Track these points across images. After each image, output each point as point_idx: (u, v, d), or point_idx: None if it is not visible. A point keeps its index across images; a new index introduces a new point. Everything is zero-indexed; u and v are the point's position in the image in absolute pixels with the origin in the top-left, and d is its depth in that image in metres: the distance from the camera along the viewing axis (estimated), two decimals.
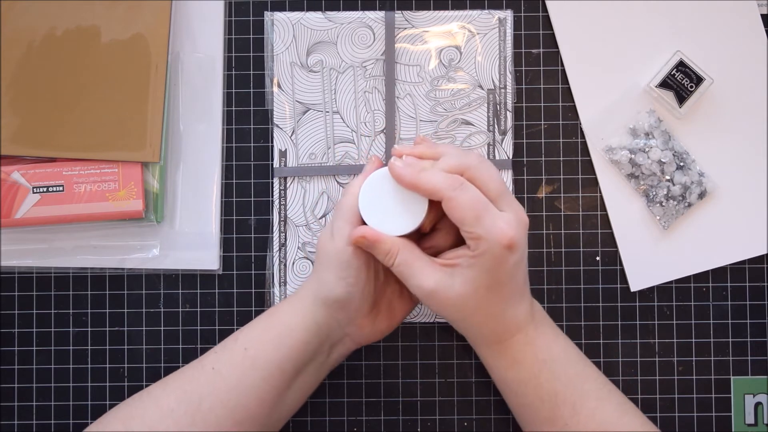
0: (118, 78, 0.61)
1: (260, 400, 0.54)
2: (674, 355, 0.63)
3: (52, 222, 0.61)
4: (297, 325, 0.55)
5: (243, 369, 0.54)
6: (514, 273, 0.53)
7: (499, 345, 0.55)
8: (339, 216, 0.55)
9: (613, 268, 0.63)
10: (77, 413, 0.63)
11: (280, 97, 0.63)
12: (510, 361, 0.55)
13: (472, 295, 0.52)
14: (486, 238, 0.51)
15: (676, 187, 0.62)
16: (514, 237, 0.51)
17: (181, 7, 0.63)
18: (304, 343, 0.55)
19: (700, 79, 0.62)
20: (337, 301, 0.55)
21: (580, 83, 0.63)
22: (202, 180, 0.63)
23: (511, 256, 0.52)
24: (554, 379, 0.54)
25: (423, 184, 0.52)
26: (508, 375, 0.56)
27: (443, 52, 0.63)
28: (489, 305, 0.53)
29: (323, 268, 0.55)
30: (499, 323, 0.54)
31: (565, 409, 0.54)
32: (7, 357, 0.63)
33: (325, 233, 0.56)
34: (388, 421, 0.63)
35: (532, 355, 0.55)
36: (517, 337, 0.55)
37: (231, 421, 0.54)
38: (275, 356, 0.55)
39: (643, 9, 0.63)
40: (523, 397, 0.55)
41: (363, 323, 0.57)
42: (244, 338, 0.56)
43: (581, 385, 0.55)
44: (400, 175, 0.53)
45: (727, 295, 0.63)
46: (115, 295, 0.63)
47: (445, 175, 0.52)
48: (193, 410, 0.53)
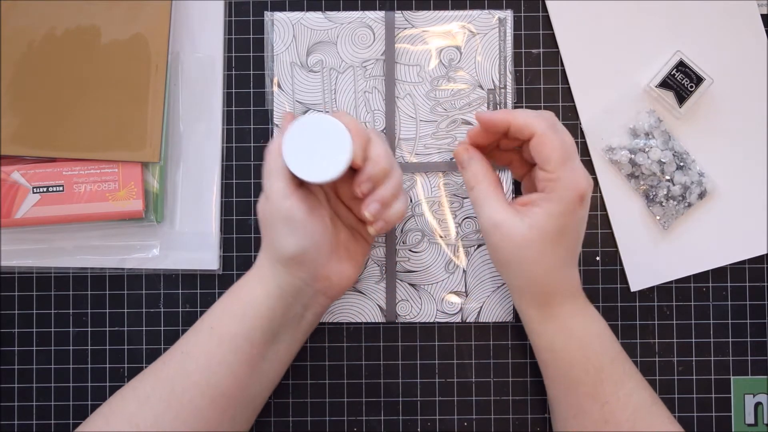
0: (118, 78, 0.61)
1: (233, 375, 0.54)
2: (674, 355, 0.63)
3: (52, 222, 0.61)
4: (259, 293, 0.55)
5: (210, 347, 0.55)
6: (579, 228, 0.54)
7: (549, 308, 0.55)
8: (266, 176, 0.54)
9: (613, 268, 0.63)
10: (77, 413, 0.63)
11: (280, 97, 0.63)
12: (560, 327, 0.55)
13: (536, 240, 0.53)
14: (564, 182, 0.52)
15: (676, 187, 0.62)
16: (588, 189, 0.53)
17: (181, 7, 0.63)
18: (269, 309, 0.55)
19: (700, 79, 0.62)
20: (292, 257, 0.54)
21: (580, 83, 0.64)
22: (202, 180, 0.63)
23: (581, 209, 0.53)
24: (602, 354, 0.55)
25: (516, 118, 0.54)
26: (555, 343, 0.55)
27: (443, 52, 0.63)
28: (551, 255, 0.54)
29: (269, 230, 0.55)
30: (556, 279, 0.55)
31: (608, 386, 0.54)
32: (7, 357, 0.63)
33: (260, 200, 0.56)
34: (388, 421, 0.63)
35: (583, 326, 0.55)
36: (568, 304, 0.55)
37: (206, 399, 0.54)
38: (240, 329, 0.55)
39: (643, 9, 0.63)
40: (569, 369, 0.55)
41: (327, 273, 0.57)
42: (209, 318, 0.56)
43: (622, 364, 0.55)
44: (490, 116, 0.55)
45: (727, 295, 0.63)
46: (115, 295, 0.63)
47: (539, 115, 0.54)
48: (167, 394, 0.54)
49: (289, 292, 0.56)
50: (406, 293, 0.63)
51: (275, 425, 0.63)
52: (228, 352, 0.54)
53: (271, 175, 0.54)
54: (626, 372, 0.55)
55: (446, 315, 0.63)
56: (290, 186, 0.54)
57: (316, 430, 0.63)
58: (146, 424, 0.53)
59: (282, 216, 0.53)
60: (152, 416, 0.53)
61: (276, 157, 0.54)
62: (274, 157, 0.54)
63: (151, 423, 0.53)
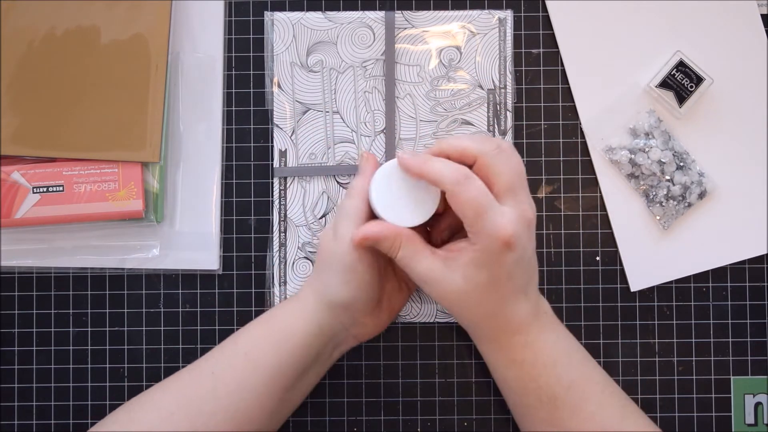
0: (118, 78, 0.61)
1: (261, 404, 0.54)
2: (674, 355, 0.63)
3: (52, 222, 0.61)
4: (299, 328, 0.55)
5: (243, 373, 0.54)
6: (513, 271, 0.52)
7: (497, 343, 0.55)
8: (343, 217, 0.55)
9: (613, 268, 0.63)
10: (77, 413, 0.63)
11: (280, 97, 0.63)
12: (509, 361, 0.55)
13: (470, 291, 0.52)
14: (484, 235, 0.51)
15: (676, 187, 0.62)
16: (513, 235, 0.51)
17: (181, 7, 0.63)
18: (306, 347, 0.55)
19: (700, 79, 0.62)
20: (342, 304, 0.55)
21: (580, 83, 0.63)
22: (202, 180, 0.63)
23: (509, 254, 0.51)
24: (555, 383, 0.54)
25: (428, 173, 0.52)
26: (507, 374, 0.55)
27: (443, 52, 0.63)
28: (486, 303, 0.53)
29: (327, 270, 0.55)
30: (498, 321, 0.54)
31: (564, 412, 0.53)
32: (7, 357, 0.63)
33: (327, 234, 0.55)
34: (388, 421, 0.63)
35: (533, 358, 0.54)
36: (517, 338, 0.54)
37: (231, 424, 0.53)
38: (276, 360, 0.54)
39: (643, 9, 0.63)
40: (523, 396, 0.55)
41: (366, 321, 0.57)
42: (244, 342, 0.56)
43: (582, 389, 0.54)
44: (408, 165, 0.53)
45: (727, 295, 0.63)
46: (115, 295, 0.63)
47: (452, 167, 0.52)
48: (194, 415, 0.53)
49: (327, 332, 0.56)
50: None
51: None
52: (260, 381, 0.54)
53: (347, 218, 0.54)
54: (585, 396, 0.54)
55: (446, 315, 0.63)
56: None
57: (316, 430, 0.63)
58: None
59: (346, 263, 0.53)
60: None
61: (355, 200, 0.54)
62: (353, 200, 0.54)
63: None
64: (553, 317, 0.57)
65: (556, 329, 0.56)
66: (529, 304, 0.54)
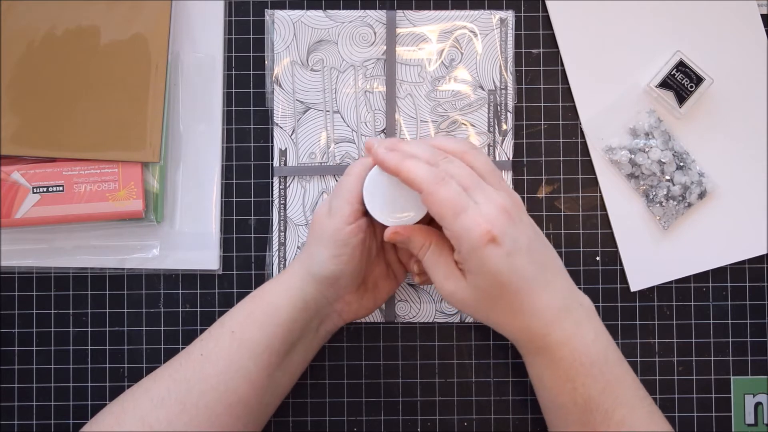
0: (118, 78, 0.61)
1: (250, 382, 0.54)
2: (674, 355, 0.63)
3: (52, 222, 0.60)
4: (284, 303, 0.55)
5: (230, 352, 0.54)
6: (513, 266, 0.49)
7: (531, 343, 0.52)
8: (339, 195, 0.55)
9: (613, 268, 0.63)
10: (77, 413, 0.63)
11: (281, 95, 0.63)
12: (547, 360, 0.52)
13: (480, 299, 0.51)
14: (464, 238, 0.49)
15: (676, 187, 0.62)
16: (493, 229, 0.48)
17: (181, 7, 0.63)
18: (291, 321, 0.55)
19: (700, 79, 0.62)
20: (328, 277, 0.55)
21: (580, 83, 0.64)
22: (202, 180, 0.63)
23: (497, 250, 0.49)
24: (591, 384, 0.52)
25: (404, 171, 0.51)
26: (544, 373, 0.53)
27: (444, 52, 0.63)
28: (502, 306, 0.51)
29: (317, 244, 0.55)
30: (522, 322, 0.51)
31: (597, 415, 0.52)
32: (7, 357, 0.63)
33: (322, 210, 0.55)
34: (388, 421, 0.63)
35: (570, 357, 0.51)
36: (552, 336, 0.51)
37: (222, 405, 0.53)
38: (262, 336, 0.55)
39: (643, 9, 0.63)
40: (558, 396, 0.53)
41: (350, 299, 0.58)
42: (230, 321, 0.56)
43: (616, 391, 0.52)
44: (383, 161, 0.52)
45: (727, 295, 0.63)
46: (115, 295, 0.63)
47: (429, 167, 0.51)
48: (183, 397, 0.53)
49: (312, 306, 0.56)
50: (405, 293, 0.63)
51: (275, 425, 0.63)
52: (248, 358, 0.54)
53: (343, 196, 0.54)
54: (618, 399, 0.52)
55: (445, 315, 0.63)
56: (358, 213, 0.54)
57: (316, 430, 0.63)
58: (160, 425, 0.52)
59: (338, 238, 0.54)
60: (166, 418, 0.53)
61: (352, 179, 0.54)
62: (350, 180, 0.54)
63: (164, 425, 0.52)
64: (590, 310, 0.53)
65: (594, 324, 0.53)
66: (554, 297, 0.51)
